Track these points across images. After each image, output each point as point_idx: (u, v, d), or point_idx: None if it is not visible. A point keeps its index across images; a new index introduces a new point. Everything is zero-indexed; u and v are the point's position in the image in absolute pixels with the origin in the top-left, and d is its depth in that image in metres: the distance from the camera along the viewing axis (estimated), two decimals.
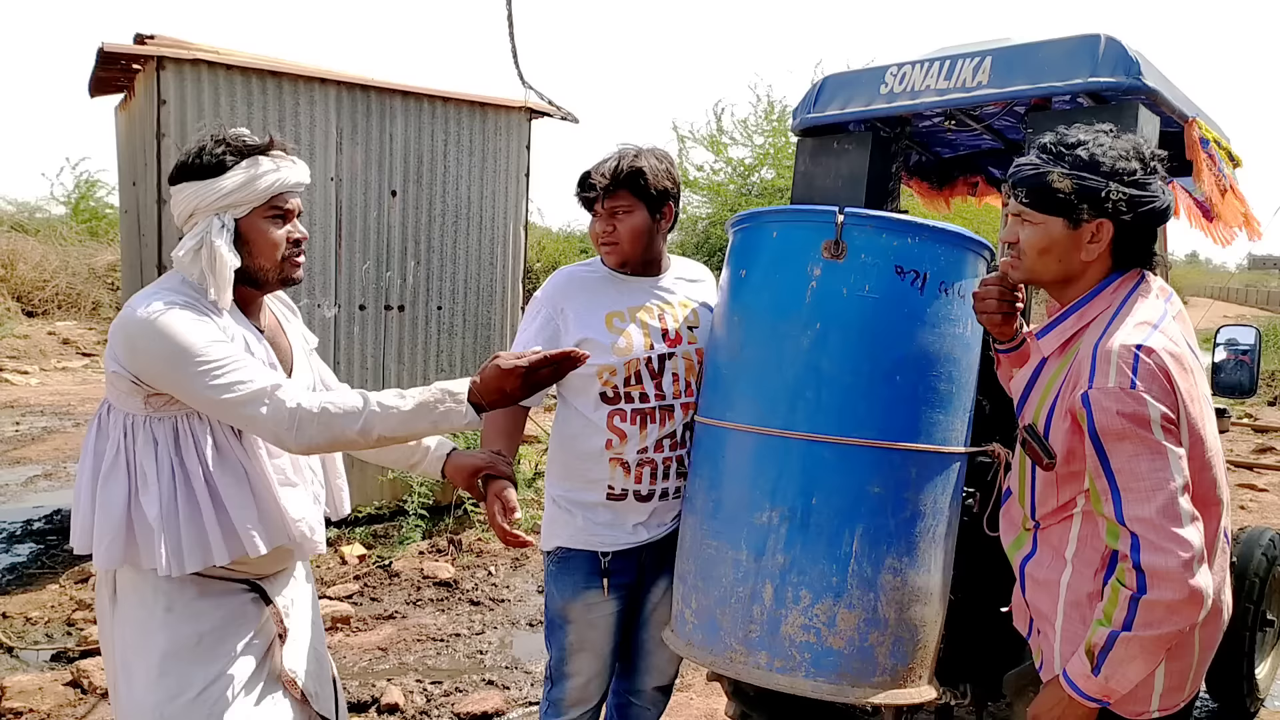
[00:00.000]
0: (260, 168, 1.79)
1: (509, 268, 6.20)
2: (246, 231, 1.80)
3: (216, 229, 1.76)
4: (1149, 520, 1.53)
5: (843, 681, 1.94)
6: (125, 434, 1.76)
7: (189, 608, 1.79)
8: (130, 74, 5.46)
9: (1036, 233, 1.71)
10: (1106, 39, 2.42)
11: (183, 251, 1.76)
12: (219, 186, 1.75)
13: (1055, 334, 1.74)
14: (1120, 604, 1.57)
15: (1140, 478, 1.54)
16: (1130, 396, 1.54)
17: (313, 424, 1.68)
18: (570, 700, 2.30)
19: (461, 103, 5.85)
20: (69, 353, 13.32)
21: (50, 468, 7.30)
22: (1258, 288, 47.42)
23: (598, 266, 2.31)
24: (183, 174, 1.78)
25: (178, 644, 1.77)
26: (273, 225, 1.83)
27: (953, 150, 3.72)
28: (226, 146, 1.77)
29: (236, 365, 1.69)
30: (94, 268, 16.30)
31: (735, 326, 2.09)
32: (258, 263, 1.83)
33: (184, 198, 1.78)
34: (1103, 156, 1.65)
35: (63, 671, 3.73)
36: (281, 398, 1.68)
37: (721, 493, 2.05)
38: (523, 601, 4.83)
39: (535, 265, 17.03)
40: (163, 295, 1.73)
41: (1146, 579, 1.54)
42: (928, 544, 2.00)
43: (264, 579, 1.91)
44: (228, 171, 1.76)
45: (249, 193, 1.77)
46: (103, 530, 1.73)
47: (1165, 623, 1.54)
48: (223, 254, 1.75)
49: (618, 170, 2.17)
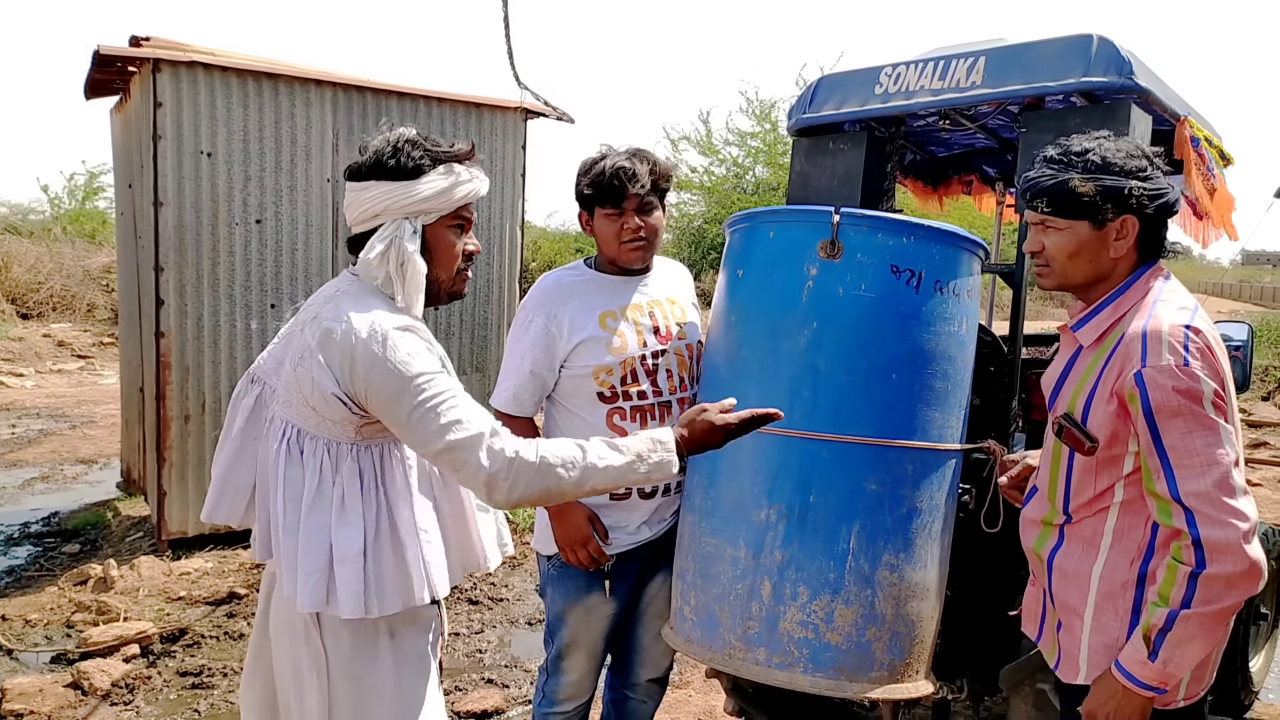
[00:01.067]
0: (458, 176, 1.73)
1: (505, 268, 6.22)
2: (430, 239, 1.74)
3: (409, 234, 1.69)
4: (1205, 494, 1.59)
5: (840, 677, 1.97)
6: (326, 462, 1.68)
7: (410, 628, 1.78)
8: (126, 76, 5.45)
9: (1063, 238, 1.78)
10: (1099, 39, 2.44)
11: (373, 254, 1.68)
12: (416, 190, 1.69)
13: (1092, 325, 1.80)
14: (1178, 582, 1.60)
15: (1194, 454, 1.60)
16: (1185, 374, 1.60)
17: (529, 474, 1.58)
18: (563, 694, 2.34)
19: (457, 103, 5.85)
20: (64, 355, 13.28)
21: (47, 470, 7.29)
22: (1251, 283, 47.59)
23: (583, 270, 2.33)
24: (376, 171, 1.70)
25: (408, 661, 1.77)
26: (454, 235, 1.78)
27: (946, 149, 3.74)
28: (426, 150, 1.71)
29: (457, 402, 1.60)
30: (89, 270, 16.27)
31: (732, 326, 2.10)
32: (437, 273, 1.77)
33: (373, 196, 1.69)
34: (1113, 157, 1.73)
35: (63, 673, 3.73)
36: (500, 446, 1.58)
37: (719, 490, 2.07)
38: (521, 600, 4.84)
39: (531, 265, 17.04)
40: (377, 311, 1.64)
41: (1206, 553, 1.58)
42: (924, 540, 2.02)
43: None
44: (424, 176, 1.70)
45: (444, 200, 1.72)
46: (309, 568, 1.64)
47: (1225, 596, 1.58)
48: (416, 260, 1.69)
49: (655, 170, 2.21)
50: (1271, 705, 3.72)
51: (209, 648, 4.04)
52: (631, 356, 2.23)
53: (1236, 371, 3.52)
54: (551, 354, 2.22)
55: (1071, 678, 1.81)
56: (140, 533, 5.54)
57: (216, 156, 5.08)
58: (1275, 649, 3.93)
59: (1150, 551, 1.72)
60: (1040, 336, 3.74)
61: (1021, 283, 2.65)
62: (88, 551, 5.34)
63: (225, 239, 5.15)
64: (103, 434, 8.55)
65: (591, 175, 2.20)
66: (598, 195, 2.20)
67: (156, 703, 3.59)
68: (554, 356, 2.22)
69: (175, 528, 5.09)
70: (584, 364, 2.21)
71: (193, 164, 5.02)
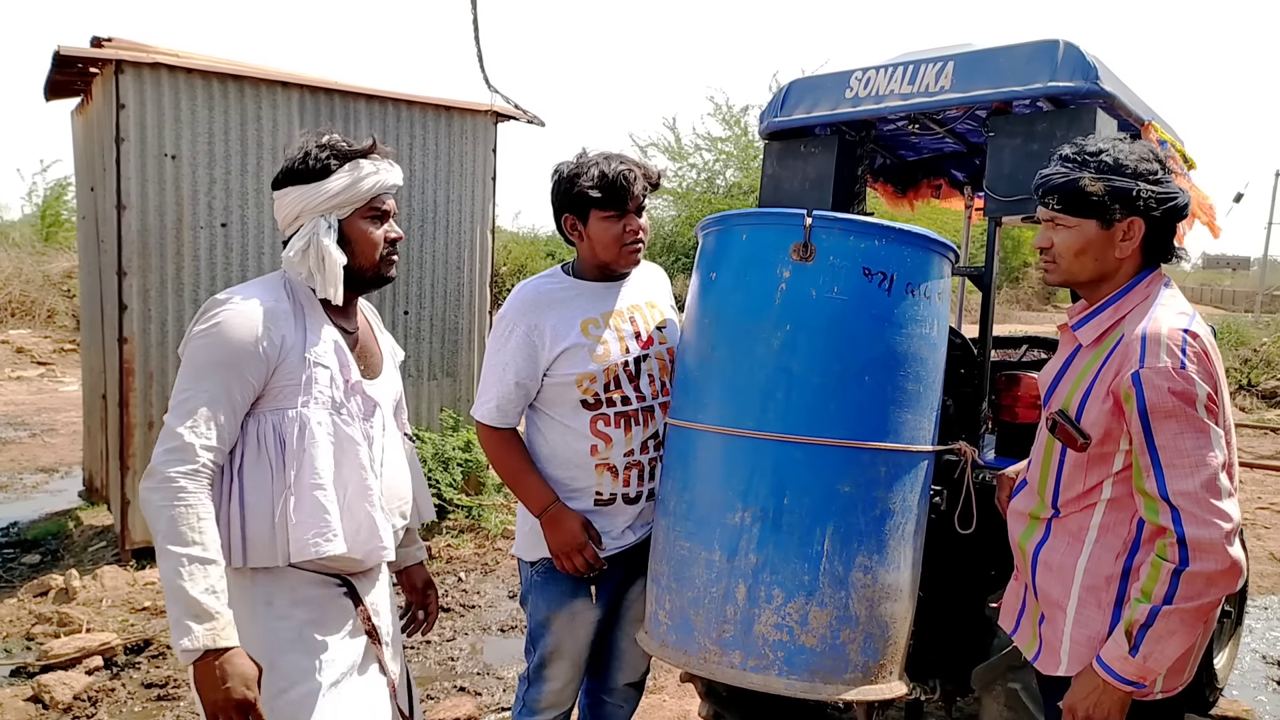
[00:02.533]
0: (362, 170, 1.86)
1: (476, 272, 6.18)
2: (349, 231, 1.87)
3: (324, 229, 1.83)
4: (1192, 494, 1.62)
5: (815, 679, 1.96)
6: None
7: (289, 599, 1.81)
8: (88, 77, 5.36)
9: (1071, 235, 1.81)
10: (1065, 44, 2.48)
11: (292, 252, 1.83)
12: (325, 189, 1.83)
13: (1093, 325, 1.84)
14: (1161, 579, 1.64)
15: (1184, 454, 1.64)
16: (1181, 376, 1.64)
17: (161, 497, 1.65)
18: (545, 703, 2.31)
19: (427, 106, 5.81)
20: (24, 362, 13.01)
21: (6, 479, 7.13)
22: (1212, 286, 48.54)
23: (561, 277, 2.31)
24: (289, 178, 1.86)
25: (281, 635, 1.79)
26: (373, 225, 1.90)
27: (916, 153, 3.77)
28: (331, 151, 1.85)
29: (210, 404, 1.71)
30: (49, 275, 15.96)
31: (706, 329, 2.10)
32: (359, 262, 1.89)
33: (290, 200, 1.85)
34: (1125, 160, 1.76)
35: (23, 687, 3.65)
36: (181, 461, 1.67)
37: (694, 494, 2.07)
38: (494, 607, 4.81)
39: (502, 269, 16.95)
40: (248, 293, 1.80)
41: (1189, 551, 1.62)
42: (897, 541, 2.02)
43: (354, 577, 1.93)
44: (333, 175, 1.83)
45: (353, 194, 1.85)
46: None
47: (1206, 593, 1.62)
48: (331, 252, 1.82)
49: (650, 174, 2.22)
50: (1235, 701, 3.78)
51: (174, 658, 3.96)
52: (615, 363, 2.21)
53: None
54: (534, 363, 2.19)
55: (1052, 669, 1.84)
56: (103, 542, 5.43)
57: (181, 159, 5.00)
58: (1238, 646, 4.00)
59: (1135, 547, 1.75)
60: (1009, 339, 3.78)
61: (991, 285, 2.68)
62: (48, 562, 5.23)
63: (190, 243, 5.07)
64: (64, 442, 8.38)
65: (594, 179, 2.15)
66: (604, 199, 2.16)
67: (120, 715, 3.52)
68: (537, 366, 2.20)
69: (139, 536, 4.99)
70: (567, 372, 2.18)
71: (156, 167, 4.94)
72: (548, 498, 2.22)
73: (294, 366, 1.79)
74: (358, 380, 1.89)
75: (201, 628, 1.61)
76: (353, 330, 1.96)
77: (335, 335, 1.88)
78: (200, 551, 1.64)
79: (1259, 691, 4.01)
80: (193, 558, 1.63)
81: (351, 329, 1.96)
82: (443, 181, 5.94)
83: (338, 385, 1.84)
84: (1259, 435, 10.62)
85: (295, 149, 1.87)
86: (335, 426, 1.83)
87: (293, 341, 1.80)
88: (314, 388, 1.80)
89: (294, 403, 1.79)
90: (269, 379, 1.78)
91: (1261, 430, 10.83)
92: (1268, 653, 4.44)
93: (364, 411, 1.90)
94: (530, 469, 2.25)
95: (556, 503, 2.21)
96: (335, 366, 1.85)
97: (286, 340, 1.79)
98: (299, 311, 1.84)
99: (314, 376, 1.81)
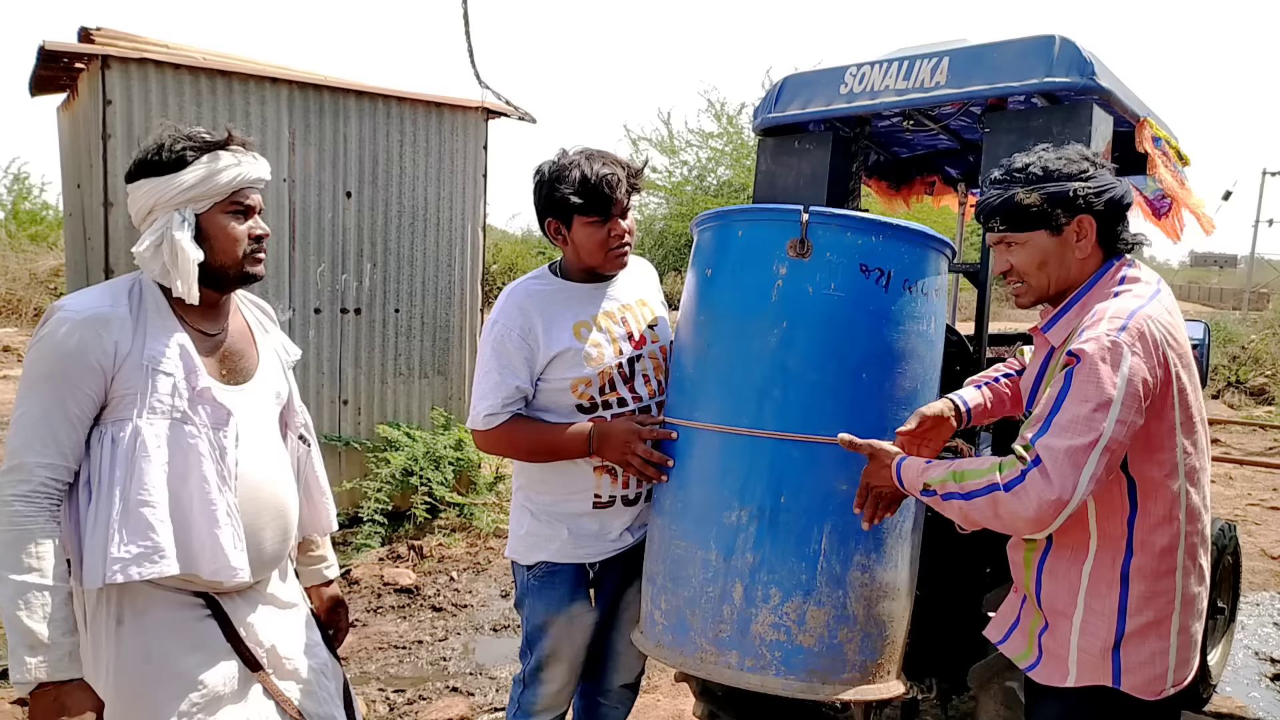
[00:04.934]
0: (220, 162, 1.77)
1: (467, 270, 6.15)
2: (207, 227, 1.78)
3: (177, 223, 1.73)
4: (1056, 450, 1.60)
5: (813, 679, 1.95)
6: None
7: (138, 620, 1.71)
8: (74, 73, 5.31)
9: (1026, 251, 1.82)
10: (1061, 40, 2.47)
11: (143, 247, 1.74)
12: (179, 181, 1.73)
13: (1061, 325, 1.84)
14: (980, 480, 1.67)
15: (1075, 420, 1.61)
16: (1111, 345, 1.62)
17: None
18: (540, 706, 2.29)
19: (417, 103, 5.78)
20: (9, 360, 12.90)
21: None
22: (1199, 284, 48.81)
23: (550, 278, 2.26)
24: (141, 170, 1.76)
25: (130, 658, 1.70)
26: (234, 220, 1.80)
27: (910, 150, 3.76)
28: (187, 141, 1.76)
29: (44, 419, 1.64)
30: (35, 273, 15.83)
31: (702, 326, 2.08)
32: (219, 259, 1.79)
33: (143, 193, 1.76)
34: (1054, 165, 1.78)
35: (9, 690, 3.60)
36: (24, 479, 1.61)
37: (689, 493, 2.05)
38: (486, 607, 4.79)
39: (492, 268, 16.91)
40: (81, 300, 1.71)
41: (1017, 486, 1.62)
42: (895, 540, 2.01)
43: (223, 596, 1.81)
44: (188, 166, 1.74)
45: (210, 187, 1.75)
46: None
47: (986, 519, 1.68)
48: (184, 247, 1.72)
49: (634, 173, 2.16)
50: (1229, 698, 3.79)
51: None
52: (609, 366, 2.17)
53: None
54: (530, 366, 2.15)
55: (1059, 680, 1.81)
56: None
57: None
58: (1232, 642, 4.01)
59: (1130, 550, 1.74)
60: (1004, 336, 3.78)
61: (986, 282, 2.67)
62: None
63: None
64: None
65: (575, 183, 2.09)
66: (587, 205, 2.09)
67: None
68: (532, 368, 2.15)
69: None
70: (561, 376, 2.15)
71: None
72: (584, 431, 2.14)
73: (131, 375, 1.68)
74: (205, 387, 1.75)
75: (36, 659, 1.56)
76: (215, 333, 1.84)
77: (184, 340, 1.76)
78: (37, 578, 1.57)
79: (1252, 688, 4.02)
80: (28, 585, 1.56)
81: (214, 331, 1.84)
82: (433, 178, 5.91)
83: (181, 394, 1.72)
84: (1248, 432, 10.68)
85: (150, 140, 1.78)
86: (175, 438, 1.71)
87: (128, 348, 1.68)
88: (153, 397, 1.69)
89: (132, 413, 1.68)
90: (108, 389, 1.67)
91: (1250, 427, 10.89)
92: (1260, 649, 4.45)
93: (212, 421, 1.75)
94: (549, 427, 2.16)
95: (594, 426, 2.14)
96: (180, 373, 1.72)
97: (120, 347, 1.68)
98: (140, 316, 1.72)
99: (154, 385, 1.69)
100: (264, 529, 1.84)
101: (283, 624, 1.92)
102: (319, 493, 2.07)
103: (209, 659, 1.76)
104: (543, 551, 2.22)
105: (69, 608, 1.61)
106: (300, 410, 2.06)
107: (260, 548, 1.83)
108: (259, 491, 1.83)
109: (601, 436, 2.12)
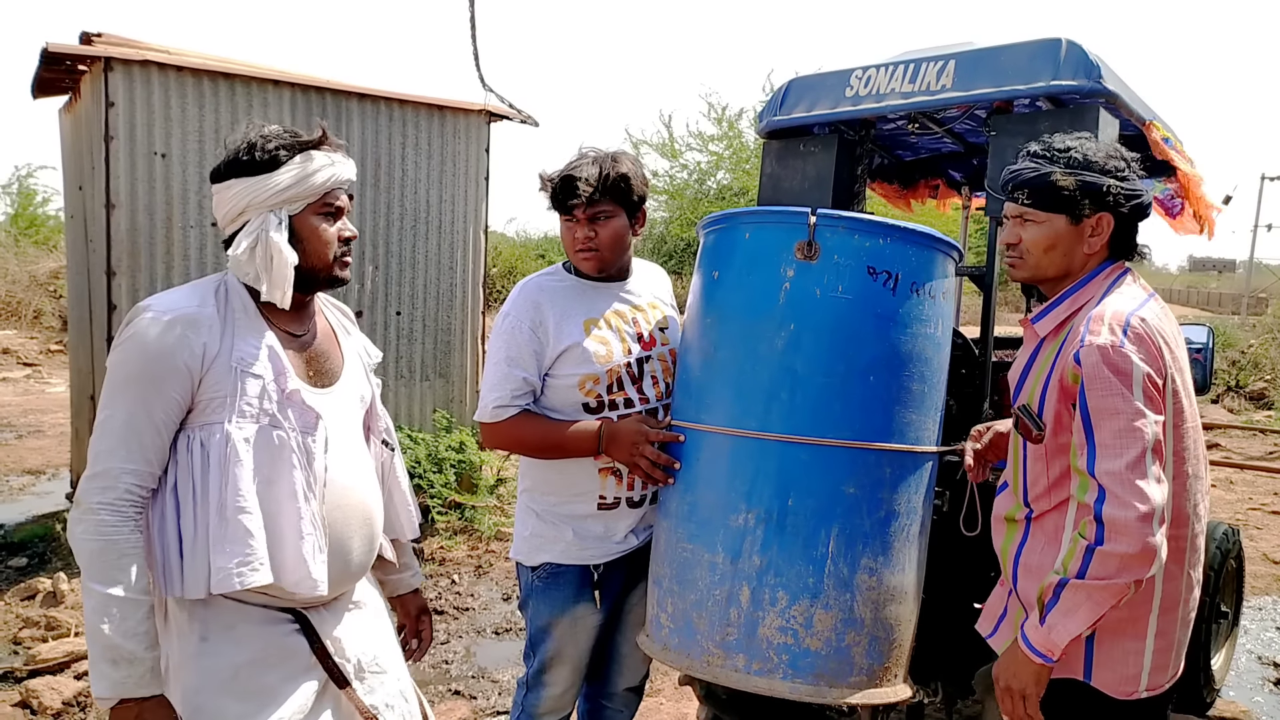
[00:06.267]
0: (314, 163, 1.71)
1: (469, 272, 6.14)
2: (300, 229, 1.72)
3: (274, 225, 1.68)
4: (1117, 474, 1.62)
5: (820, 682, 1.94)
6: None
7: (225, 636, 1.66)
8: (76, 75, 5.30)
9: (1041, 231, 1.82)
10: (1068, 43, 2.47)
11: (239, 250, 1.68)
12: (274, 182, 1.67)
13: (1050, 318, 1.86)
14: (1077, 555, 1.65)
15: (1118, 434, 1.63)
16: (1118, 353, 1.64)
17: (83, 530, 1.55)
18: (544, 709, 2.28)
19: (420, 105, 5.77)
20: (9, 363, 12.88)
21: None
22: (1199, 289, 48.79)
23: (563, 274, 2.25)
24: (232, 170, 1.69)
25: (212, 676, 1.64)
26: (325, 222, 1.75)
27: (914, 153, 3.76)
28: (280, 140, 1.69)
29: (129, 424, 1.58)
30: (35, 275, 15.81)
31: (709, 328, 2.08)
32: (310, 261, 1.73)
33: (234, 194, 1.69)
34: (1094, 156, 1.78)
35: (10, 692, 3.59)
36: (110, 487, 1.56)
37: (696, 495, 2.04)
38: (488, 610, 4.77)
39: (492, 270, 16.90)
40: (168, 300, 1.65)
41: (1105, 530, 1.62)
42: (902, 543, 2.00)
43: (310, 610, 1.75)
44: (282, 166, 1.68)
45: (304, 188, 1.70)
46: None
47: (1116, 575, 1.62)
48: (281, 250, 1.67)
49: (604, 176, 2.10)
50: (1232, 703, 3.78)
51: None
52: (618, 364, 2.17)
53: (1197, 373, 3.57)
54: (539, 360, 2.14)
55: None
56: None
57: (171, 158, 4.95)
58: (1235, 647, 4.01)
59: None
60: (1010, 339, 3.77)
61: (992, 285, 2.66)
62: (35, 565, 5.16)
63: (179, 242, 5.03)
64: (51, 444, 8.30)
65: (549, 179, 2.16)
66: (551, 199, 2.15)
67: None
68: (540, 362, 2.14)
69: None
70: (569, 372, 2.14)
71: (146, 165, 4.89)
72: (593, 429, 2.12)
73: (220, 377, 1.62)
74: (295, 390, 1.70)
75: (118, 674, 1.52)
76: (301, 334, 1.79)
77: (273, 341, 1.70)
78: (121, 591, 1.53)
79: (1255, 692, 4.02)
80: (113, 598, 1.52)
81: (300, 333, 1.79)
82: (435, 181, 5.90)
83: (270, 396, 1.66)
84: (1249, 436, 10.67)
85: (238, 138, 1.71)
86: (264, 442, 1.65)
87: (217, 350, 1.63)
88: (242, 400, 1.63)
89: (222, 417, 1.62)
90: (195, 392, 1.62)
91: (1251, 431, 10.88)
92: (1263, 653, 4.45)
93: (301, 425, 1.70)
94: (559, 423, 2.15)
95: (603, 425, 2.13)
96: (269, 375, 1.67)
97: (209, 349, 1.62)
98: (228, 316, 1.67)
99: (243, 388, 1.64)
100: (352, 537, 1.78)
101: (369, 637, 1.87)
102: (402, 499, 2.01)
103: (294, 676, 1.70)
104: (547, 553, 2.22)
105: (151, 621, 1.57)
106: (383, 414, 2.00)
107: (348, 557, 1.77)
108: (347, 498, 1.77)
109: (610, 436, 2.12)
